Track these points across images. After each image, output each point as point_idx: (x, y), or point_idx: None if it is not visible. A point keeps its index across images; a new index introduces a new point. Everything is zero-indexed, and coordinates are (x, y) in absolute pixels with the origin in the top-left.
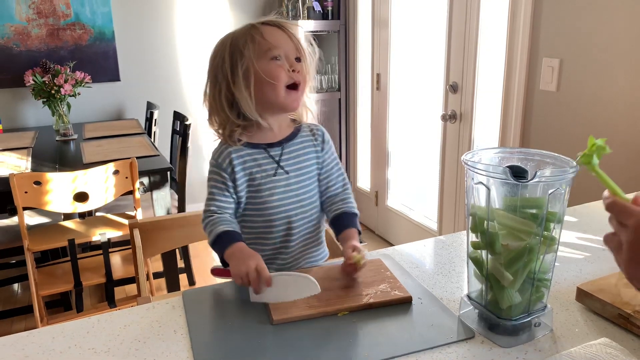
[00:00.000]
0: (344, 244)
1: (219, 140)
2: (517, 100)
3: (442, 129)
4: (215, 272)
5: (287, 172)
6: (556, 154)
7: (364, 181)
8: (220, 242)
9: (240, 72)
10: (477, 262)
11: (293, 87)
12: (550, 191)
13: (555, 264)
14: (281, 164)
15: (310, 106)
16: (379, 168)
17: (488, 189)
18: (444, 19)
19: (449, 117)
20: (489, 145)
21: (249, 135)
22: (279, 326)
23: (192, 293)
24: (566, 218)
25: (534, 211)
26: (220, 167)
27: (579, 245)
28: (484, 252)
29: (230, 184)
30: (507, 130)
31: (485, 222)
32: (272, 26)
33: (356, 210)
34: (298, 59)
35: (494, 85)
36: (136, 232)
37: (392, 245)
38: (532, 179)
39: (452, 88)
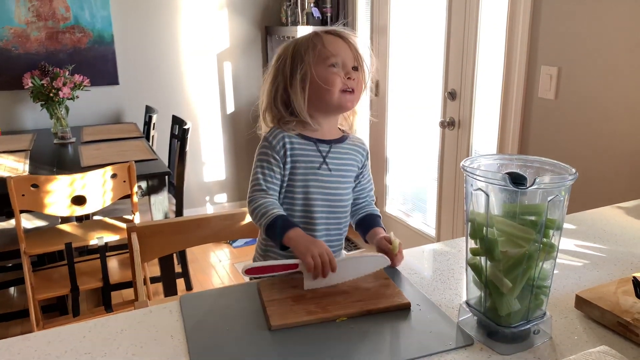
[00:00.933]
0: (375, 238)
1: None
2: (516, 107)
3: (441, 135)
4: (250, 271)
5: (330, 170)
6: (555, 161)
7: None
8: (277, 226)
9: (298, 75)
10: (476, 268)
11: (348, 91)
12: (549, 198)
13: (555, 271)
14: (327, 160)
15: (358, 113)
16: (378, 174)
17: (487, 195)
18: (443, 25)
19: (448, 124)
20: (487, 153)
21: (302, 129)
22: (277, 332)
23: (190, 298)
24: (565, 225)
25: (533, 218)
26: (273, 148)
27: (578, 253)
28: (483, 259)
29: (281, 165)
30: (505, 138)
31: (485, 228)
32: (334, 35)
33: (378, 212)
34: (355, 68)
35: (493, 93)
36: (134, 236)
37: None
38: (531, 186)
39: (451, 95)
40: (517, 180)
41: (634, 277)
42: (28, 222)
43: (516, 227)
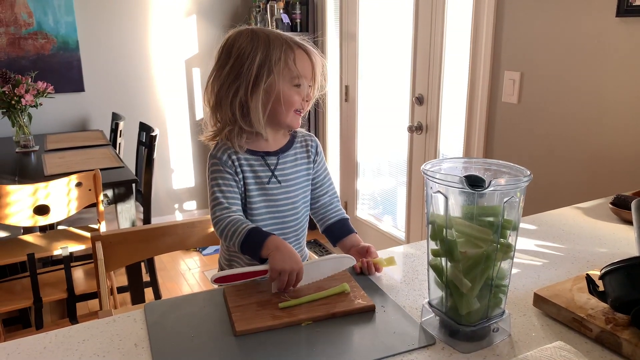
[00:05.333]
0: (355, 248)
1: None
2: (481, 112)
3: (409, 140)
4: (219, 280)
5: (279, 182)
6: (512, 164)
7: None
8: (253, 238)
9: (263, 85)
10: (437, 269)
11: (298, 111)
12: (505, 199)
13: (514, 270)
14: (275, 173)
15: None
16: (348, 178)
17: (446, 197)
18: (410, 32)
19: (415, 129)
20: (453, 156)
21: (248, 141)
22: (242, 337)
23: (155, 305)
24: (525, 226)
25: (490, 219)
26: (225, 163)
27: (538, 252)
28: (443, 260)
29: (236, 178)
30: (471, 141)
31: (444, 230)
32: (304, 53)
33: (346, 215)
34: (310, 86)
35: (459, 98)
36: (98, 245)
37: None
38: (486, 188)
39: (418, 100)
40: (475, 182)
41: (587, 274)
42: None
43: (474, 228)
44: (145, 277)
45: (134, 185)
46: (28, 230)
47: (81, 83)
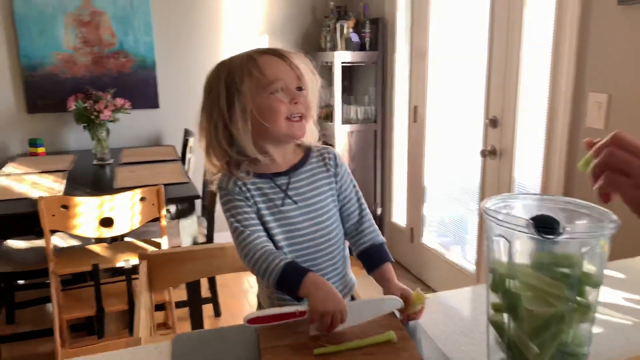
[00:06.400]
0: (385, 285)
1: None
2: (562, 137)
3: (482, 165)
4: (253, 321)
5: (295, 202)
6: (594, 205)
7: (399, 216)
8: (288, 278)
9: (237, 110)
10: (498, 327)
11: (295, 117)
12: (583, 249)
13: (596, 329)
14: (289, 193)
15: (315, 134)
16: (415, 203)
17: (509, 242)
18: (484, 50)
19: (489, 153)
20: (530, 185)
21: (254, 167)
22: None
23: (183, 338)
24: (613, 274)
25: (565, 270)
26: (233, 192)
27: (627, 309)
28: (506, 316)
29: (250, 204)
30: (550, 170)
31: (507, 280)
32: (271, 55)
33: (382, 238)
34: (299, 88)
35: (537, 121)
36: (143, 265)
37: (427, 285)
38: (558, 235)
39: (492, 122)
40: (545, 225)
41: None
42: (62, 240)
43: (544, 280)
44: (208, 293)
45: (200, 200)
46: (99, 239)
47: (156, 100)
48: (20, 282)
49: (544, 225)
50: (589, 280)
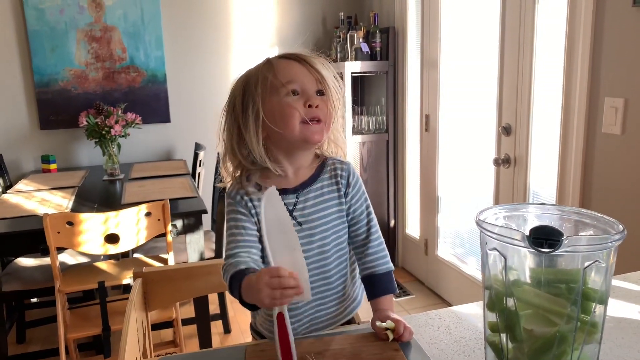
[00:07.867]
0: (376, 315)
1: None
2: (577, 144)
3: (495, 174)
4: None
5: (300, 224)
6: (599, 214)
7: (413, 228)
8: (233, 287)
9: (251, 115)
10: (495, 348)
11: (313, 121)
12: (586, 263)
13: (605, 345)
14: (294, 214)
15: (340, 143)
16: (429, 214)
17: (504, 257)
18: (496, 57)
19: (502, 162)
20: (546, 194)
21: (264, 180)
22: None
23: None
24: (627, 286)
25: (567, 286)
26: (238, 203)
27: None
28: (503, 337)
29: (252, 218)
30: (565, 177)
31: (504, 298)
32: (289, 59)
33: (387, 267)
34: (320, 92)
35: (551, 128)
36: (137, 283)
37: (442, 299)
38: (557, 248)
39: (505, 130)
40: (545, 236)
41: None
42: (72, 257)
43: (544, 297)
44: (217, 309)
45: (209, 215)
46: (108, 256)
47: (167, 114)
48: (33, 300)
49: (544, 238)
50: (593, 296)
